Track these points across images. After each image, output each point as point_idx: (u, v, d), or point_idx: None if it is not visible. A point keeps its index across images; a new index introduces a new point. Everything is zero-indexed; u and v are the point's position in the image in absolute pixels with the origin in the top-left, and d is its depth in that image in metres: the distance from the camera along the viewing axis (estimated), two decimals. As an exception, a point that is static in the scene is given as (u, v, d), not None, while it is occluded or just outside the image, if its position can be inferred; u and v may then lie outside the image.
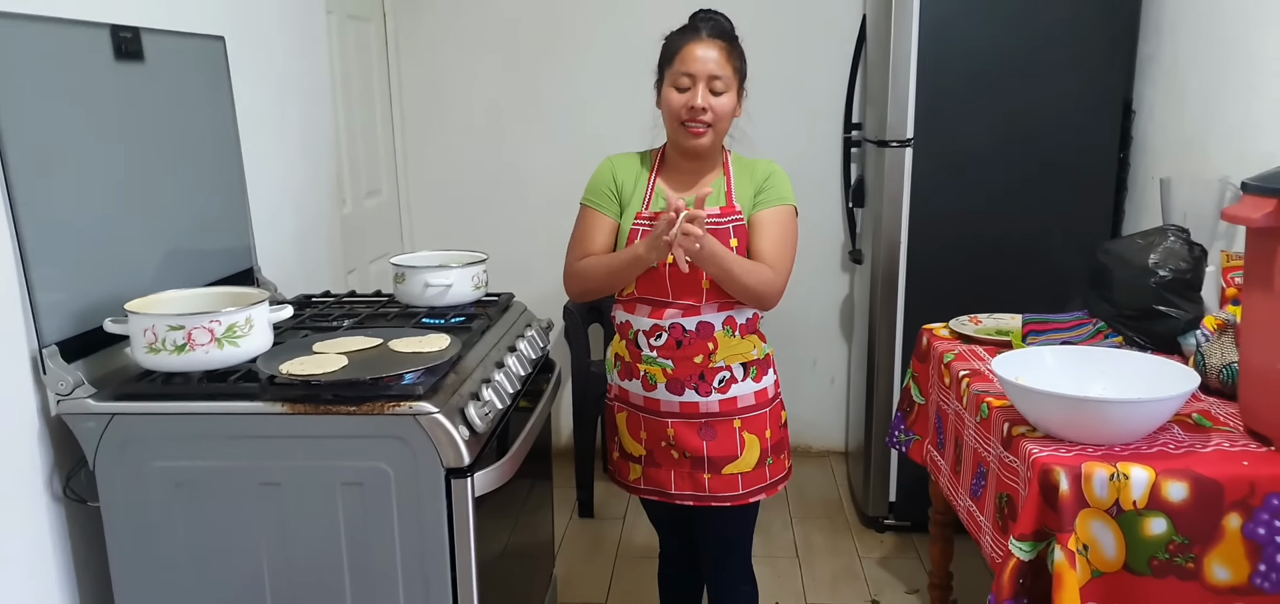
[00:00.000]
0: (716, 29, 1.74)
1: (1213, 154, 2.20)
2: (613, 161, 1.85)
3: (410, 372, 1.46)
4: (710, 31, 1.73)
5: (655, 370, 1.79)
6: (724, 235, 1.73)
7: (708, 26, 1.74)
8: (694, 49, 1.71)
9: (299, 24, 2.37)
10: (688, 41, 1.72)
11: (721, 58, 1.71)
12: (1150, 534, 1.34)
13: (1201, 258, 1.84)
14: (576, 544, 2.92)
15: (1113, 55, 2.54)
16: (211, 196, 1.89)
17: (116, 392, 1.43)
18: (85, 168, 1.52)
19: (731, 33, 1.76)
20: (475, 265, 1.94)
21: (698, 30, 1.73)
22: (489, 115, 3.35)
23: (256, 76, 2.11)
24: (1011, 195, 2.61)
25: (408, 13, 3.27)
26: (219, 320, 1.43)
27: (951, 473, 1.87)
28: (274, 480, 1.42)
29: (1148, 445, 1.42)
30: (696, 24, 1.75)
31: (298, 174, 2.35)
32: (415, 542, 1.43)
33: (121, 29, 1.60)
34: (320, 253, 2.48)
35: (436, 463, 1.39)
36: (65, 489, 1.47)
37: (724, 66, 1.71)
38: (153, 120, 1.70)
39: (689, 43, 1.72)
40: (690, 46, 1.71)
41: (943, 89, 2.56)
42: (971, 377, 1.80)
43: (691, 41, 1.72)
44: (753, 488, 1.82)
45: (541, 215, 3.34)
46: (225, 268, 1.90)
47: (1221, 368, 1.60)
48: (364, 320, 1.83)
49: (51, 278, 1.42)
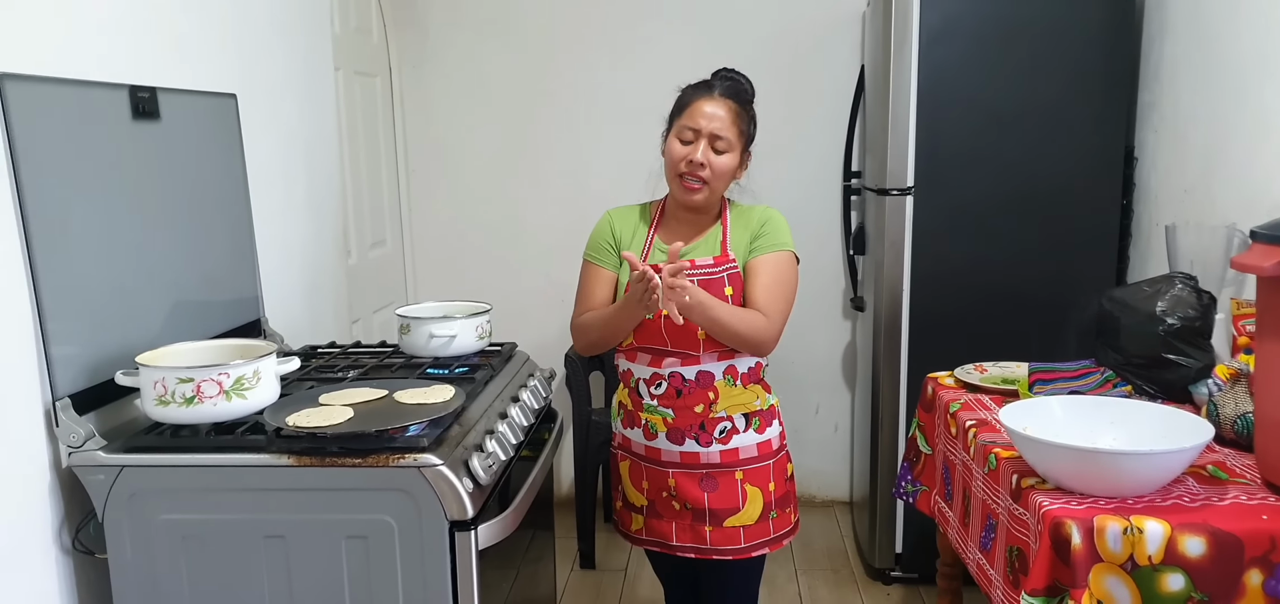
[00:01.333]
0: (730, 90, 1.75)
1: (1217, 201, 2.21)
2: (611, 215, 1.87)
3: (415, 423, 1.46)
4: (723, 91, 1.75)
5: (656, 419, 1.79)
6: (718, 284, 1.73)
7: (723, 86, 1.76)
8: (703, 105, 1.73)
9: (308, 81, 2.41)
10: (699, 97, 1.74)
11: (729, 118, 1.72)
12: (1168, 590, 1.32)
13: (1210, 306, 1.83)
14: (578, 597, 2.88)
15: (1113, 103, 2.56)
16: (221, 249, 1.90)
17: (126, 444, 1.43)
18: (101, 224, 1.53)
19: (746, 96, 1.78)
20: (479, 316, 1.94)
21: (712, 87, 1.75)
22: (491, 167, 3.39)
23: (266, 132, 2.14)
24: (1014, 243, 2.62)
25: (413, 68, 3.32)
26: (227, 373, 1.44)
27: (960, 525, 1.85)
28: (279, 533, 1.41)
29: (1162, 498, 1.40)
30: (712, 81, 1.77)
31: (305, 226, 2.37)
32: (418, 595, 1.41)
33: (139, 89, 1.63)
34: (326, 304, 2.49)
35: (440, 515, 1.38)
36: (74, 541, 1.46)
37: (730, 128, 1.72)
38: (167, 176, 1.72)
39: (700, 98, 1.74)
40: (700, 102, 1.73)
41: (943, 137, 2.58)
42: (978, 427, 1.79)
43: (702, 98, 1.74)
44: (756, 541, 1.80)
45: (542, 265, 3.36)
46: (233, 319, 1.91)
47: (1236, 418, 1.58)
48: (369, 371, 1.83)
49: (66, 331, 1.43)
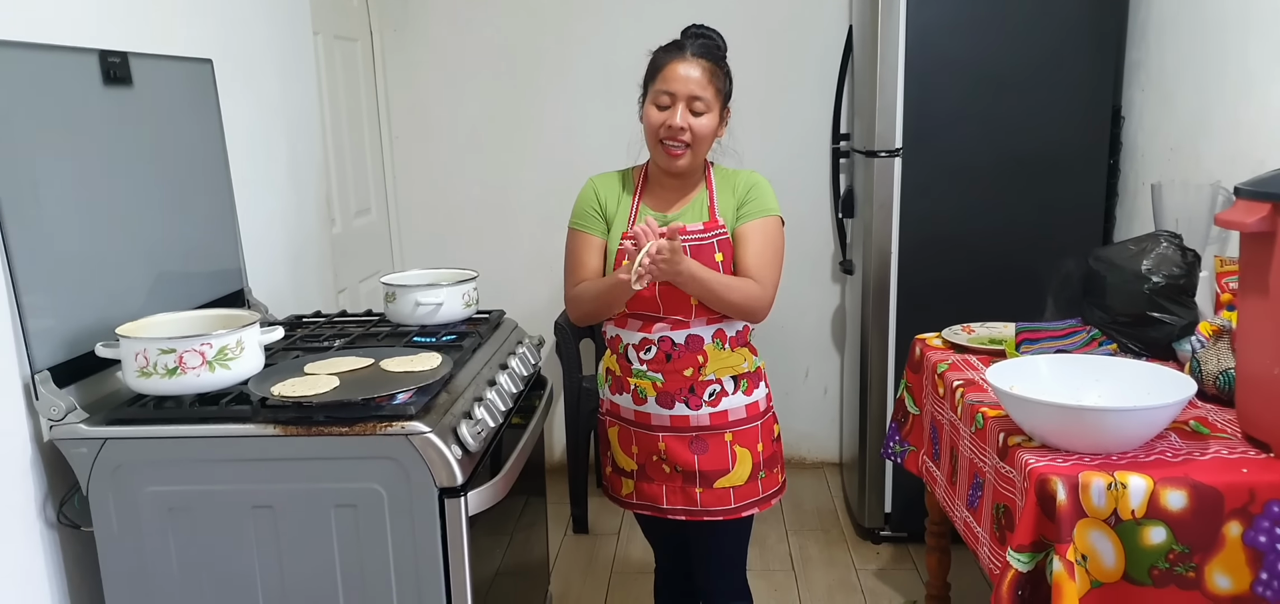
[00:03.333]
0: (702, 48, 1.72)
1: (1203, 159, 2.22)
2: (594, 182, 1.85)
3: (402, 391, 1.45)
4: (695, 51, 1.71)
5: (645, 384, 1.79)
6: (708, 250, 1.73)
7: (694, 45, 1.72)
8: (676, 67, 1.70)
9: (286, 45, 2.36)
10: (671, 59, 1.71)
11: (704, 78, 1.70)
12: (1150, 544, 1.34)
13: (1195, 263, 1.84)
14: (572, 560, 2.90)
15: (1100, 61, 2.56)
16: (201, 219, 1.88)
17: (108, 417, 1.41)
18: (75, 193, 1.51)
19: (718, 53, 1.74)
20: (465, 283, 1.93)
21: (683, 48, 1.72)
22: (476, 133, 3.35)
23: (245, 98, 2.10)
24: (1002, 203, 2.62)
25: (394, 32, 3.27)
26: (210, 343, 1.42)
27: (948, 484, 1.87)
28: (266, 503, 1.41)
29: (1145, 453, 1.42)
30: (683, 41, 1.74)
31: (287, 194, 2.34)
32: (410, 562, 1.41)
33: (110, 54, 1.59)
34: (310, 273, 2.47)
35: (430, 483, 1.38)
36: (59, 515, 1.45)
37: (706, 87, 1.70)
38: (142, 144, 1.69)
39: (672, 61, 1.71)
40: (673, 65, 1.70)
41: (931, 98, 2.57)
42: (966, 387, 1.80)
43: (675, 60, 1.71)
44: (745, 502, 1.81)
45: (530, 232, 3.34)
46: (215, 290, 1.88)
47: (1218, 374, 1.60)
48: (355, 340, 1.82)
49: (42, 304, 1.41)
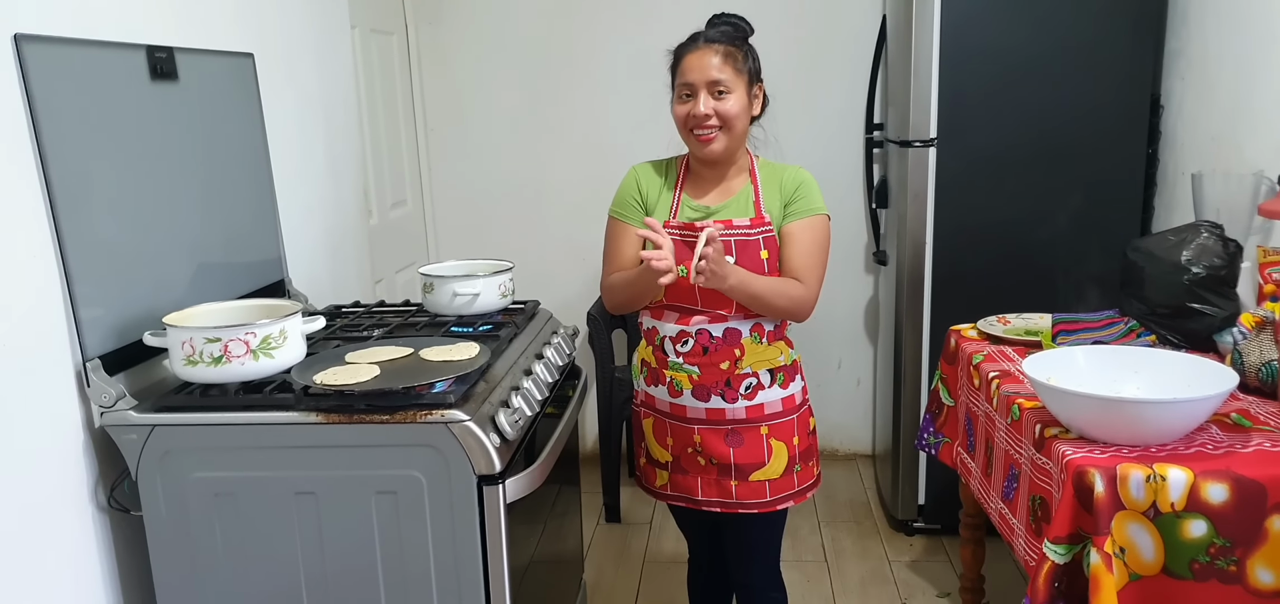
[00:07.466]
0: (718, 34, 1.73)
1: (1245, 149, 2.17)
2: (637, 171, 1.86)
3: (441, 380, 1.48)
4: (709, 37, 1.72)
5: (681, 376, 1.79)
6: (754, 247, 1.73)
7: (708, 33, 1.73)
8: (691, 59, 1.72)
9: (324, 39, 2.40)
10: (686, 53, 1.73)
11: (721, 61, 1.70)
12: (1190, 537, 1.33)
13: (1236, 254, 1.81)
14: (604, 549, 2.93)
15: (1139, 49, 2.51)
16: (243, 210, 1.92)
17: (157, 404, 1.46)
18: (123, 185, 1.55)
19: (736, 34, 1.74)
20: (502, 274, 1.95)
21: (696, 39, 1.74)
22: (510, 124, 3.37)
23: (285, 91, 2.14)
24: (1038, 193, 2.59)
25: (429, 25, 3.30)
26: (254, 332, 1.46)
27: (983, 475, 1.86)
28: (309, 490, 1.44)
29: (1185, 446, 1.40)
30: (697, 34, 1.75)
31: (325, 186, 2.38)
32: (448, 549, 1.44)
33: (157, 50, 1.63)
34: (349, 264, 2.51)
35: (468, 470, 1.41)
36: (109, 500, 1.50)
37: (724, 69, 1.70)
38: (186, 137, 1.73)
39: (687, 54, 1.73)
40: (688, 57, 1.72)
41: (965, 87, 2.54)
42: (1001, 378, 1.79)
43: (689, 52, 1.73)
44: (780, 495, 1.82)
45: (564, 223, 3.36)
46: (257, 280, 1.93)
47: (1260, 366, 1.57)
48: (394, 330, 1.85)
49: (93, 293, 1.45)
